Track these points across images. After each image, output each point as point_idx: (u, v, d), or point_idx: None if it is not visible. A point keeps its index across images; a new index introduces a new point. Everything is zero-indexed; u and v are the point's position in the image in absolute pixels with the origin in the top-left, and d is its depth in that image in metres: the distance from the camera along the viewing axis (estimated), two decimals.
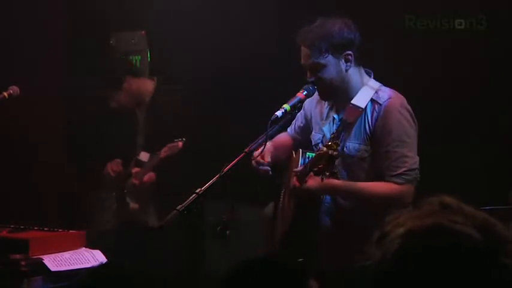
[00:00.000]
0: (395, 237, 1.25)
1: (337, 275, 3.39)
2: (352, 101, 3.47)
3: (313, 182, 3.31)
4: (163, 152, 4.99)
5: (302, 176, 3.35)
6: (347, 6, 4.34)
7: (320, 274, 3.05)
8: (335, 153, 3.07)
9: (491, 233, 1.23)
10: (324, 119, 3.63)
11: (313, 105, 3.68)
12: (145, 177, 5.07)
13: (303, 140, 3.75)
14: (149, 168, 5.07)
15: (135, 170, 5.13)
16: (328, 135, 3.56)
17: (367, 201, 3.42)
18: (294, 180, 3.39)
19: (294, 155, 3.64)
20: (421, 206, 1.30)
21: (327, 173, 3.15)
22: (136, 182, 5.10)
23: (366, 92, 3.49)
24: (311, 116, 3.71)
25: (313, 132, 3.69)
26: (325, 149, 3.09)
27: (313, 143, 3.67)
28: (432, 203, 1.29)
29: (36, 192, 5.71)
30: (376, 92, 3.48)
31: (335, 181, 3.36)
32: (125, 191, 5.20)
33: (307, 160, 3.48)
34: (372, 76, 3.55)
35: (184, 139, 4.93)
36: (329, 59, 3.43)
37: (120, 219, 5.21)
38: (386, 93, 3.47)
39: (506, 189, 3.86)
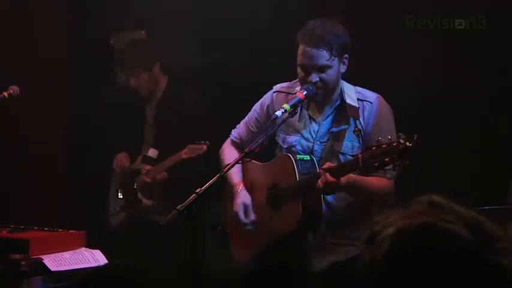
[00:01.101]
0: (386, 237, 1.25)
1: (332, 274, 3.40)
2: (348, 101, 3.49)
3: (344, 178, 3.27)
4: (184, 154, 4.75)
5: (339, 172, 3.26)
6: (347, 6, 4.34)
7: (316, 274, 3.06)
8: (410, 144, 2.98)
9: (482, 231, 1.23)
10: (298, 120, 3.59)
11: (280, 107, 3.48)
12: (159, 176, 4.93)
13: (250, 143, 3.46)
14: (164, 166, 4.91)
15: (147, 167, 4.97)
16: (309, 136, 3.54)
17: (372, 195, 3.44)
18: (327, 175, 3.24)
19: (275, 160, 3.61)
20: (410, 205, 1.29)
21: (397, 166, 3.06)
22: (148, 179, 4.95)
23: (351, 92, 3.52)
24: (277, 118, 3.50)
25: (282, 135, 3.62)
26: (401, 140, 2.99)
27: (285, 146, 3.60)
28: (421, 202, 1.29)
29: (36, 192, 5.71)
30: (358, 92, 3.52)
31: (351, 176, 3.34)
32: (135, 186, 5.11)
33: (302, 163, 3.45)
34: None
35: (208, 142, 4.66)
36: (335, 61, 3.43)
37: (129, 215, 5.13)
38: (368, 92, 3.53)
39: (505, 190, 3.86)
